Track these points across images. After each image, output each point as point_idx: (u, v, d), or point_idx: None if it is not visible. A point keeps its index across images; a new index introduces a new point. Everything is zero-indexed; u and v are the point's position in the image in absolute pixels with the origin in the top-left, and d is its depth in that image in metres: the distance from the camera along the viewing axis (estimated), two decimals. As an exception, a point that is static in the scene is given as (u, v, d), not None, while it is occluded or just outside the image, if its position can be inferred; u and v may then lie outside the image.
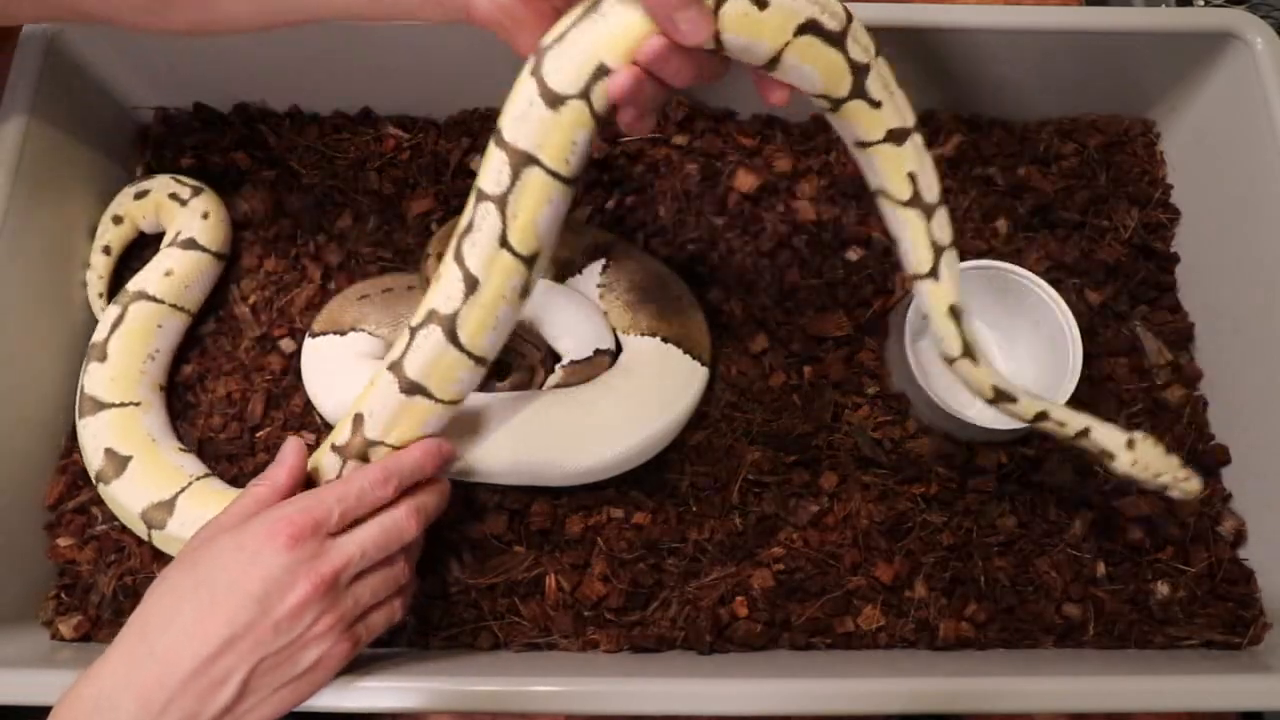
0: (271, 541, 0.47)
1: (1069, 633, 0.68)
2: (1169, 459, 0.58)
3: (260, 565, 0.46)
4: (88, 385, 0.68)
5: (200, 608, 0.45)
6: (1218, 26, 0.74)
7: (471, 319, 0.52)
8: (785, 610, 0.67)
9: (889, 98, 0.49)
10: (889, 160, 0.50)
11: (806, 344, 0.74)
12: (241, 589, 0.46)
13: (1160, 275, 0.79)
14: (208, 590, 0.46)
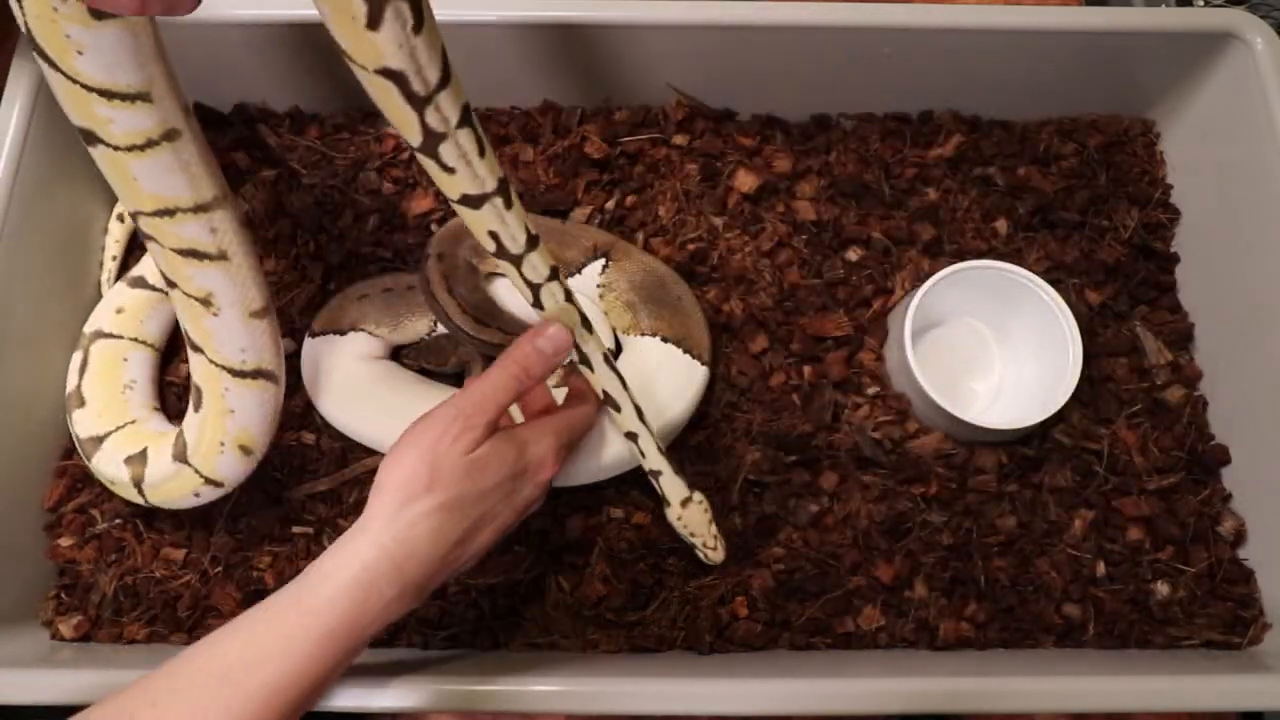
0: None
1: (1069, 633, 0.68)
2: (709, 526, 0.63)
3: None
4: (80, 431, 0.66)
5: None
6: (1218, 26, 0.74)
7: None
8: (785, 610, 0.67)
9: (464, 166, 0.48)
10: (470, 219, 0.50)
11: (806, 344, 0.74)
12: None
13: (1160, 275, 0.79)
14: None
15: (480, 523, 0.50)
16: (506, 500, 0.52)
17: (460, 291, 0.68)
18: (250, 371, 0.54)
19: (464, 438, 0.49)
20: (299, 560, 0.68)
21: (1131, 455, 0.72)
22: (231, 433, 0.57)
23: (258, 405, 0.56)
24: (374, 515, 0.47)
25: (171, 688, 0.43)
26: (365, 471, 0.70)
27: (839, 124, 0.83)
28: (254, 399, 0.56)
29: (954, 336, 0.77)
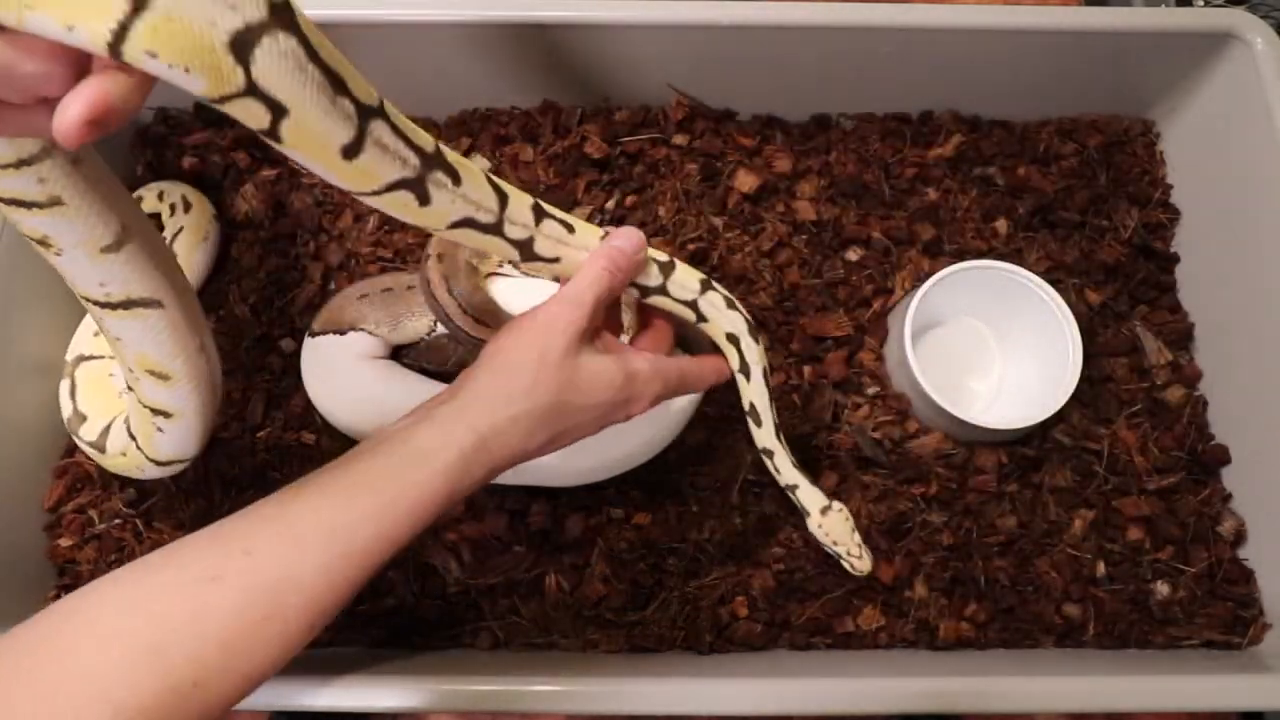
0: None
1: (1069, 633, 0.68)
2: (852, 534, 0.62)
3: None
4: (87, 437, 0.67)
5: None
6: (1218, 26, 0.74)
7: None
8: (785, 610, 0.67)
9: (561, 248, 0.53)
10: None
11: (806, 344, 0.74)
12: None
13: (1160, 275, 0.79)
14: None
15: (569, 431, 0.51)
16: (597, 420, 0.52)
17: (460, 292, 0.68)
18: (120, 303, 0.52)
19: (569, 330, 0.49)
20: (299, 560, 0.68)
21: (1131, 455, 0.72)
22: (132, 362, 0.55)
23: (144, 331, 0.54)
24: (475, 399, 0.48)
25: (266, 536, 0.43)
26: (365, 471, 0.70)
27: (839, 124, 0.83)
28: (136, 327, 0.53)
29: (954, 336, 0.77)
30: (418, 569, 0.68)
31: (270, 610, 0.41)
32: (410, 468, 0.46)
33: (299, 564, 0.42)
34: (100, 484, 0.71)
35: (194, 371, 0.56)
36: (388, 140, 0.42)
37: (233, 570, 0.41)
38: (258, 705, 0.57)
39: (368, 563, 0.44)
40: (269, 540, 0.43)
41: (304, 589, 0.42)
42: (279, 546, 0.42)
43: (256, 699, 0.56)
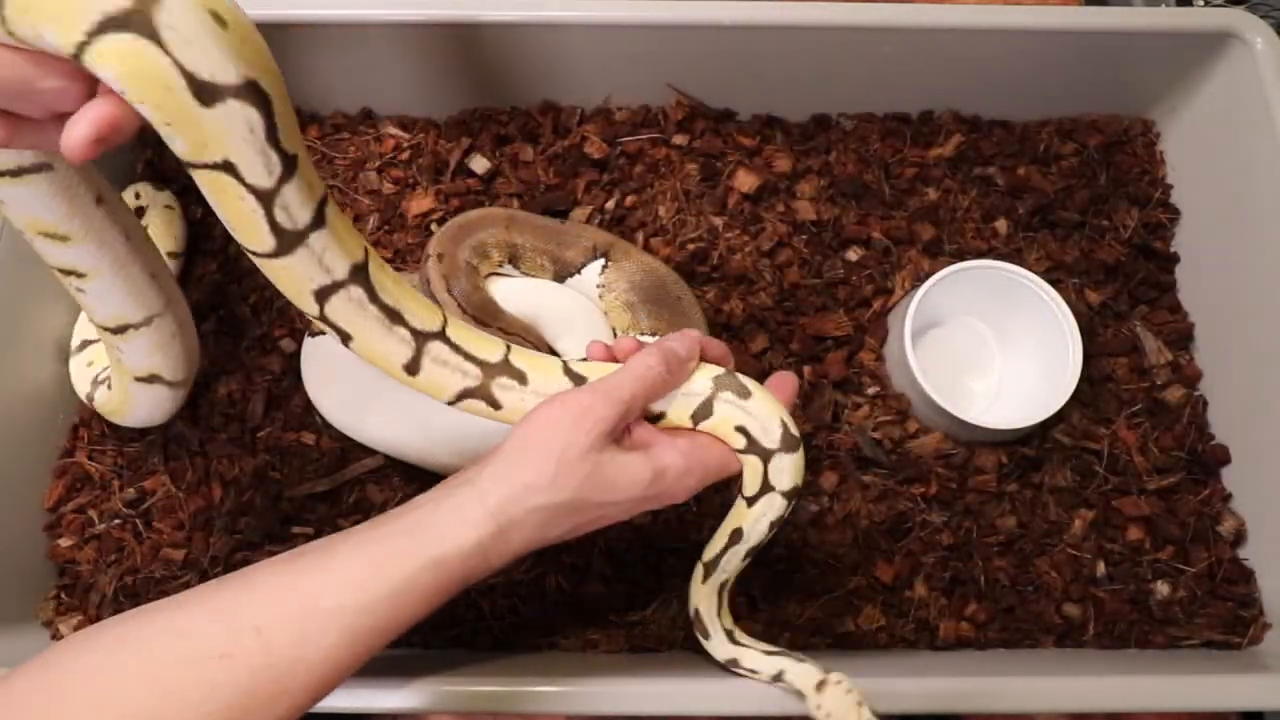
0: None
1: (1069, 633, 0.68)
2: (859, 708, 0.52)
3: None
4: (88, 394, 0.69)
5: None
6: (1218, 26, 0.74)
7: None
8: (785, 610, 0.67)
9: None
10: (695, 580, 0.57)
11: (806, 344, 0.74)
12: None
13: (1160, 275, 0.79)
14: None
15: (591, 522, 0.50)
16: (625, 511, 0.50)
17: (460, 291, 0.68)
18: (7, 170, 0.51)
19: (596, 427, 0.47)
20: (299, 560, 0.68)
21: (1131, 455, 0.72)
22: (24, 226, 0.55)
23: (31, 196, 0.52)
24: (496, 486, 0.47)
25: (277, 614, 0.43)
26: (365, 471, 0.70)
27: (839, 124, 0.83)
28: (23, 192, 0.52)
29: (954, 336, 0.77)
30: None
31: (278, 689, 0.42)
32: (427, 552, 0.45)
33: (310, 647, 0.42)
34: (100, 484, 0.71)
35: (92, 227, 0.54)
36: (446, 357, 0.50)
37: (242, 650, 0.41)
38: (258, 705, 0.57)
39: (377, 642, 0.45)
40: (280, 621, 0.42)
41: (313, 669, 0.42)
42: (290, 628, 0.42)
43: (256, 699, 0.56)
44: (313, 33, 0.72)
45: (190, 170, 0.40)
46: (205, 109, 0.36)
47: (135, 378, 0.62)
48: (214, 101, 0.36)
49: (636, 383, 0.48)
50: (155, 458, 0.71)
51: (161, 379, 0.62)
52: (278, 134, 0.39)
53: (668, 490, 0.49)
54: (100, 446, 0.72)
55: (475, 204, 0.78)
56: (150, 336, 0.59)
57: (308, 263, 0.44)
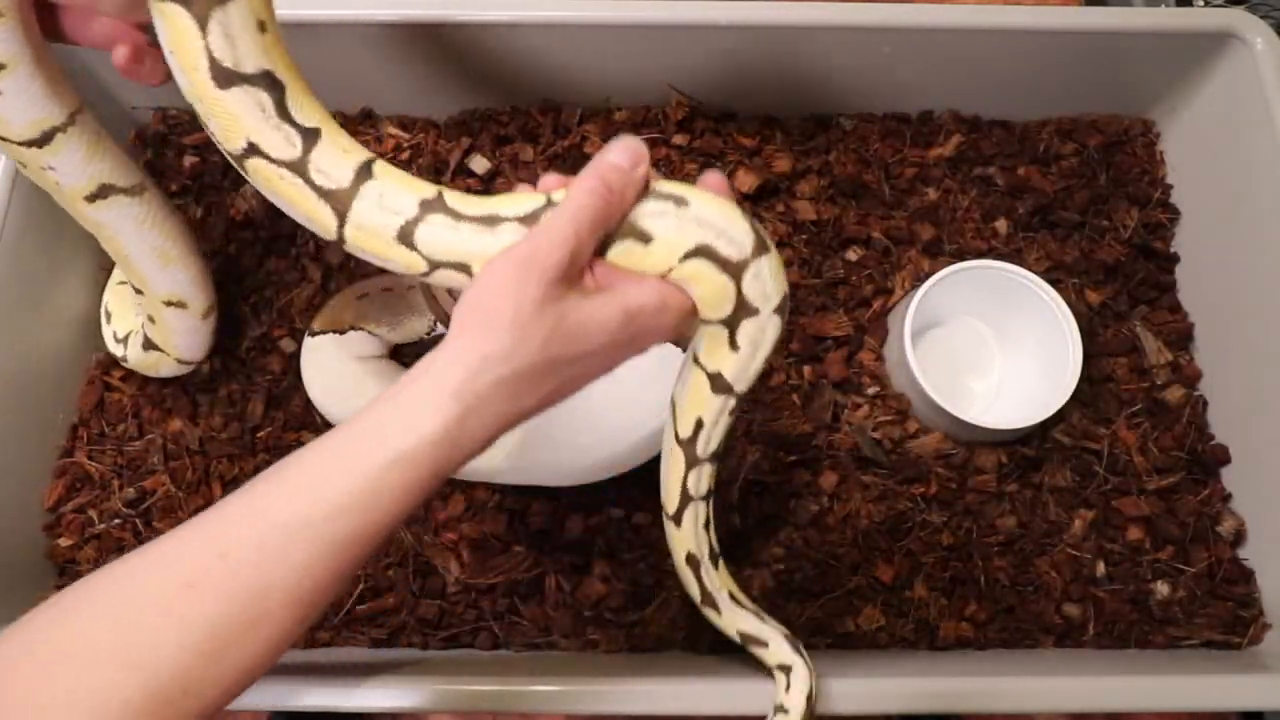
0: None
1: (1069, 633, 0.68)
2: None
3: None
4: (123, 354, 0.72)
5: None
6: (1218, 26, 0.74)
7: None
8: (785, 610, 0.67)
9: (751, 353, 0.47)
10: (697, 394, 0.49)
11: (806, 344, 0.74)
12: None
13: (1160, 275, 0.79)
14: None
15: (566, 384, 0.45)
16: (601, 365, 0.46)
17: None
18: (38, 138, 0.53)
19: (549, 272, 0.42)
20: (299, 560, 0.68)
21: (1131, 455, 0.72)
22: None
23: (72, 152, 0.55)
24: (453, 366, 0.42)
25: (241, 536, 0.40)
26: (365, 471, 0.70)
27: (839, 124, 0.83)
28: (69, 152, 0.55)
29: (954, 336, 0.77)
30: (418, 569, 0.68)
31: (253, 616, 0.39)
32: (393, 442, 0.42)
33: (278, 566, 0.40)
34: (100, 484, 0.71)
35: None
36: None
37: (209, 576, 0.39)
38: (258, 705, 0.57)
39: (354, 553, 0.42)
40: (245, 540, 0.40)
41: (288, 589, 0.40)
42: (255, 546, 0.40)
43: (256, 699, 0.56)
44: (313, 32, 0.72)
45: (240, 169, 0.46)
46: (222, 90, 0.42)
47: (165, 303, 0.64)
48: (230, 85, 0.42)
49: (579, 213, 0.42)
50: (155, 458, 0.71)
51: (184, 304, 0.65)
52: (290, 111, 0.43)
53: (645, 330, 0.45)
54: (100, 446, 0.72)
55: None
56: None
57: (374, 211, 0.44)
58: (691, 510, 0.54)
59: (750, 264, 0.44)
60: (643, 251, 0.44)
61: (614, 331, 0.44)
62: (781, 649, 0.56)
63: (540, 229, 0.42)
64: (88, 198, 0.57)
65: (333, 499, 0.41)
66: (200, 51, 0.42)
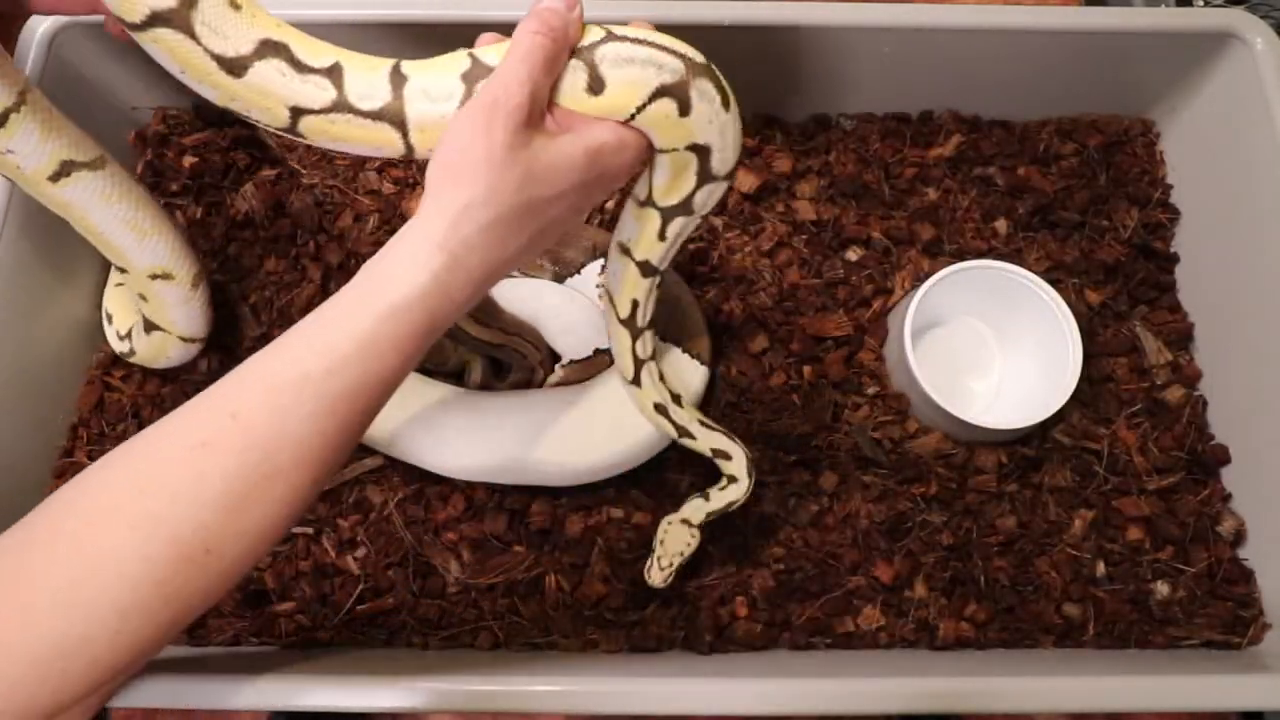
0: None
1: (1069, 633, 0.68)
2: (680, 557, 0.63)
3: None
4: (126, 350, 0.73)
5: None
6: (1218, 26, 0.74)
7: None
8: (785, 610, 0.67)
9: (674, 241, 0.54)
10: (630, 280, 0.57)
11: (806, 344, 0.74)
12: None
13: (1160, 275, 0.79)
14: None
15: (546, 227, 0.47)
16: (573, 207, 0.48)
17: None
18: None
19: (509, 119, 0.43)
20: (299, 560, 0.68)
21: (1131, 455, 0.72)
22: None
23: (28, 133, 0.55)
24: (435, 218, 0.44)
25: (250, 397, 0.42)
26: (365, 471, 0.70)
27: (839, 124, 0.83)
28: (25, 133, 0.55)
29: (954, 336, 0.77)
30: (418, 569, 0.68)
31: (267, 471, 0.41)
32: (383, 298, 0.43)
33: (288, 420, 0.42)
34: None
35: None
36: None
37: (223, 436, 0.41)
38: (258, 705, 0.57)
39: (359, 406, 0.43)
40: (253, 400, 0.42)
41: (298, 443, 0.42)
42: (263, 404, 0.42)
43: (257, 699, 0.56)
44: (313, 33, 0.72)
45: (298, 138, 0.47)
46: (242, 79, 0.44)
47: (151, 276, 0.65)
48: (244, 71, 0.44)
49: (528, 55, 0.44)
50: (155, 458, 0.71)
51: (170, 275, 0.65)
52: (303, 61, 0.45)
53: (608, 170, 0.47)
54: (100, 446, 0.72)
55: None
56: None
57: (427, 107, 0.46)
58: (646, 370, 0.61)
59: (692, 85, 0.46)
60: (594, 101, 0.46)
61: (582, 170, 0.46)
62: (740, 461, 0.62)
63: (496, 77, 0.44)
64: (51, 177, 0.57)
65: (334, 354, 0.42)
66: (204, 56, 0.44)
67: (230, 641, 0.66)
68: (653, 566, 0.62)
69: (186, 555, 0.40)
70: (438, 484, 0.70)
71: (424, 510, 0.69)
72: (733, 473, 0.63)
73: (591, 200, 0.49)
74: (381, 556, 0.68)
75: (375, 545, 0.68)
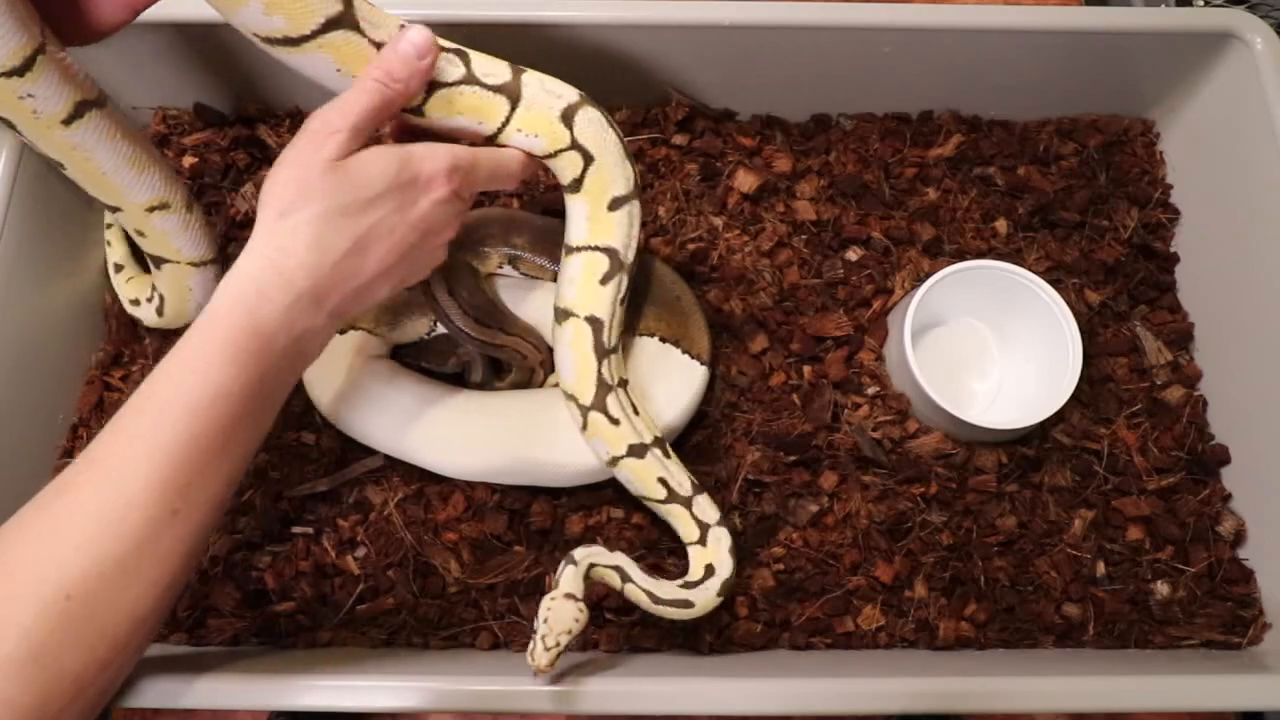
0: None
1: (1069, 633, 0.68)
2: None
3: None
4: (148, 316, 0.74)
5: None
6: (1218, 26, 0.74)
7: None
8: (785, 610, 0.67)
9: (626, 419, 0.60)
10: (638, 469, 0.62)
11: (806, 344, 0.74)
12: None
13: (1160, 275, 0.79)
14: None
15: (371, 234, 0.50)
16: (399, 213, 0.50)
17: (462, 293, 0.68)
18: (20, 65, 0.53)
19: (329, 143, 0.48)
20: (299, 560, 0.68)
21: (1131, 455, 0.72)
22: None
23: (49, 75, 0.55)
24: (255, 234, 0.48)
25: (102, 441, 0.45)
26: (365, 472, 0.70)
27: (839, 124, 0.83)
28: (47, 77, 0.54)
29: (954, 336, 0.77)
30: (418, 569, 0.68)
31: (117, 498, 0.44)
32: (204, 313, 0.47)
33: (135, 448, 0.44)
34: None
35: None
36: None
37: (79, 476, 0.45)
38: (258, 705, 0.57)
39: (207, 420, 0.45)
40: (104, 445, 0.45)
41: (151, 470, 0.44)
42: (113, 443, 0.45)
43: (256, 699, 0.56)
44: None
45: (425, 117, 0.53)
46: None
47: (148, 209, 0.64)
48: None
49: (359, 97, 0.49)
50: (155, 458, 0.71)
51: (166, 205, 0.65)
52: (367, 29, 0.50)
53: (424, 174, 0.50)
54: (100, 446, 0.72)
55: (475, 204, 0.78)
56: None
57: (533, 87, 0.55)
58: (713, 535, 0.63)
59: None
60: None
61: (394, 175, 0.49)
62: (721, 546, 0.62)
63: (327, 108, 0.49)
64: (65, 120, 0.56)
65: (166, 384, 0.46)
66: (368, 47, 0.50)
67: (230, 641, 0.66)
68: (536, 647, 0.53)
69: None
70: (438, 484, 0.70)
71: (424, 510, 0.69)
72: (711, 562, 0.61)
73: (421, 210, 0.51)
74: (381, 556, 0.68)
75: (375, 545, 0.68)
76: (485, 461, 0.65)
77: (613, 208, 0.58)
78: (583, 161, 0.56)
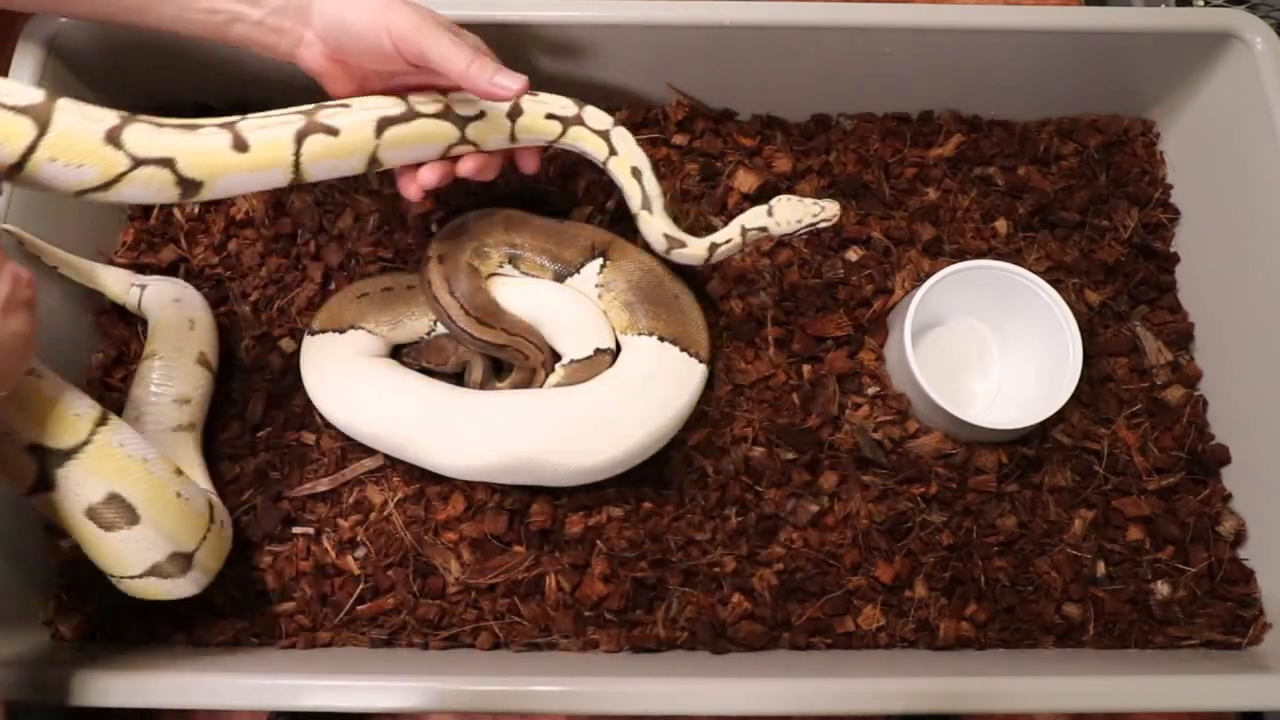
0: None
1: (1069, 633, 0.68)
2: (803, 203, 0.66)
3: None
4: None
5: None
6: (1218, 26, 0.74)
7: None
8: (785, 610, 0.67)
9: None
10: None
11: (806, 343, 0.74)
12: None
13: (1160, 275, 0.79)
14: None
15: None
16: None
17: (462, 293, 0.68)
18: None
19: None
20: (299, 560, 0.68)
21: (1131, 455, 0.72)
22: None
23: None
24: None
25: None
26: (365, 471, 0.70)
27: (839, 124, 0.83)
28: None
29: (954, 336, 0.77)
30: (418, 569, 0.68)
31: None
32: None
33: None
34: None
35: None
36: None
37: None
38: (258, 705, 0.57)
39: None
40: None
41: None
42: None
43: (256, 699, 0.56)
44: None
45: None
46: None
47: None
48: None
49: None
50: (155, 458, 0.71)
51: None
52: None
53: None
54: (100, 446, 0.72)
55: (475, 205, 0.78)
56: None
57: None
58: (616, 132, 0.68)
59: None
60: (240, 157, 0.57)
61: None
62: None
63: None
64: None
65: None
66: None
67: (230, 641, 0.66)
68: (819, 221, 0.66)
69: None
70: (438, 484, 0.70)
71: (424, 510, 0.69)
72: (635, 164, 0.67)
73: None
74: (381, 556, 0.68)
75: (375, 545, 0.68)
76: (485, 461, 0.65)
77: None
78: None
